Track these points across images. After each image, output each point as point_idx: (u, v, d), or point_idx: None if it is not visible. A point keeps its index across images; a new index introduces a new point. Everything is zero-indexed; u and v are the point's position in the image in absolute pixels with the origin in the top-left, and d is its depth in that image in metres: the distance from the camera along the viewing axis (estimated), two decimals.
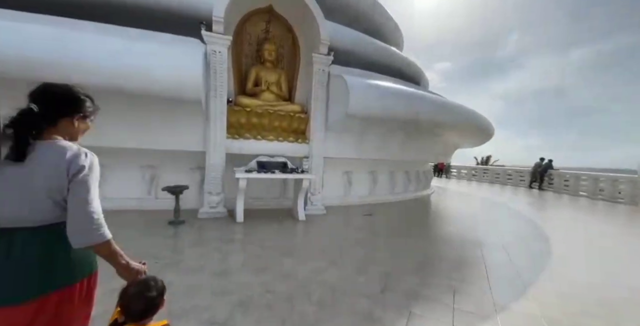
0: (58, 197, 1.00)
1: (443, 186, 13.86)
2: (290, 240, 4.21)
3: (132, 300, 1.03)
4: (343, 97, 5.59)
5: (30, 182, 0.97)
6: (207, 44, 5.20)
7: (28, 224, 0.99)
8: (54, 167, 0.99)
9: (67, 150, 1.02)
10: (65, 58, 3.93)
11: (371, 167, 7.91)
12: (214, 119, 5.36)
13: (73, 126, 1.12)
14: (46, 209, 1.00)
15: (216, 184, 5.43)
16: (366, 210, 6.64)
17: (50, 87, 1.08)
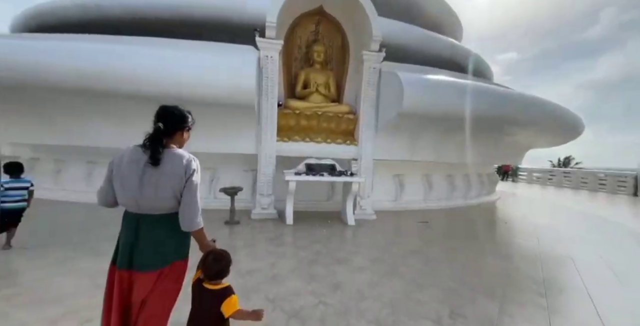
0: (177, 192, 1.33)
1: (510, 191, 12.18)
2: (340, 245, 4.03)
3: (210, 265, 1.39)
4: (396, 95, 5.22)
5: (160, 180, 1.30)
6: (260, 49, 5.36)
7: (155, 212, 1.34)
8: (176, 170, 1.32)
9: (184, 157, 1.36)
10: (138, 72, 4.42)
11: (425, 170, 7.29)
12: (265, 123, 5.49)
13: (182, 136, 1.48)
14: (168, 201, 1.33)
15: (267, 186, 5.55)
16: (421, 216, 6.10)
17: (169, 108, 1.43)
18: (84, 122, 5.43)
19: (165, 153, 1.33)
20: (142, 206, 1.32)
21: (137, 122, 5.56)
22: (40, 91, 4.71)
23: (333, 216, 5.75)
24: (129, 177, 1.31)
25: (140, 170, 1.30)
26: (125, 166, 1.32)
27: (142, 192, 1.29)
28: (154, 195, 1.29)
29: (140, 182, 1.29)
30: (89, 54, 4.47)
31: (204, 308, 1.37)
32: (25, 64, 4.39)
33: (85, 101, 4.96)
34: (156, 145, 1.31)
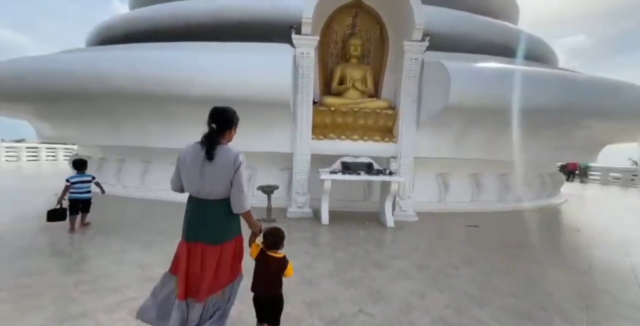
0: (228, 181, 1.59)
1: (578, 193, 10.54)
2: (380, 248, 3.79)
3: (269, 238, 1.76)
4: (441, 87, 4.76)
5: (216, 172, 1.57)
6: (296, 47, 5.33)
7: (214, 197, 1.61)
8: (227, 164, 1.57)
9: (233, 152, 1.61)
10: (185, 76, 4.68)
11: (474, 169, 6.61)
12: (300, 121, 5.45)
13: (230, 133, 1.71)
14: (223, 189, 1.60)
15: (302, 185, 5.51)
16: (469, 220, 5.53)
17: (220, 109, 1.67)
18: (140, 124, 5.96)
19: (217, 149, 1.59)
20: (202, 192, 1.61)
21: (185, 124, 5.95)
22: (106, 98, 5.27)
23: (370, 217, 5.50)
24: (192, 169, 1.60)
25: (200, 164, 1.58)
26: (189, 161, 1.61)
27: (201, 181, 1.58)
28: (211, 184, 1.58)
29: (201, 173, 1.57)
30: (144, 62, 4.88)
31: (270, 270, 1.74)
32: (92, 74, 4.94)
33: (142, 105, 5.42)
34: (211, 143, 1.58)
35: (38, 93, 5.37)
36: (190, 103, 5.11)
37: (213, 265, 1.60)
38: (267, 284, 1.74)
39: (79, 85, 5.00)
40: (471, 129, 5.56)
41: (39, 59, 5.78)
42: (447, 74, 4.46)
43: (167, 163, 6.57)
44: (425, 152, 5.69)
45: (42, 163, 15.74)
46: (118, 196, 6.58)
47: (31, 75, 5.19)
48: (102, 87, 4.97)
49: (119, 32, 7.25)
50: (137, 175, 6.72)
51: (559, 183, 8.47)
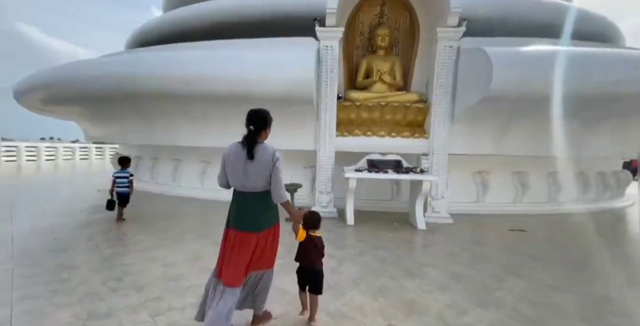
0: (267, 176, 1.75)
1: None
2: (410, 253, 3.49)
3: (310, 219, 2.02)
4: (481, 75, 4.27)
5: (257, 169, 1.74)
6: (320, 40, 5.12)
7: (256, 190, 1.78)
8: (266, 160, 1.73)
9: (270, 149, 1.76)
10: (204, 73, 4.69)
11: (517, 166, 5.94)
12: (324, 117, 5.25)
13: (265, 133, 1.84)
14: (264, 182, 1.76)
15: (326, 183, 5.33)
16: (512, 223, 4.96)
17: (256, 112, 1.81)
18: (169, 123, 6.17)
19: (256, 148, 1.74)
20: (246, 186, 1.78)
21: (211, 123, 6.06)
22: (134, 98, 5.51)
23: (399, 218, 5.17)
24: (236, 167, 1.77)
25: (242, 162, 1.74)
26: (232, 159, 1.78)
27: (245, 177, 1.76)
28: (253, 179, 1.75)
29: (244, 170, 1.74)
30: (167, 62, 5.01)
31: (313, 248, 2.03)
32: (119, 75, 5.18)
33: (169, 105, 5.59)
34: (251, 143, 1.74)
35: (79, 95, 5.78)
36: (215, 102, 5.15)
37: (253, 250, 1.78)
38: (312, 259, 2.02)
39: (111, 86, 5.28)
40: (515, 122, 4.96)
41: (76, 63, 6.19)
42: (489, 59, 3.95)
43: (195, 162, 6.78)
44: (461, 148, 5.20)
45: (92, 161, 17.33)
46: (152, 193, 6.93)
47: (73, 79, 5.60)
48: (130, 88, 5.20)
49: (152, 35, 7.59)
50: (168, 173, 7.02)
51: (624, 183, 7.35)
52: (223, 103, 5.08)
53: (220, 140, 6.22)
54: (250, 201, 1.79)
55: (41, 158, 15.19)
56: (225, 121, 5.65)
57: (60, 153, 16.32)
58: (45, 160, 15.32)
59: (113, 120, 6.94)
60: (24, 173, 11.02)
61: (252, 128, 1.74)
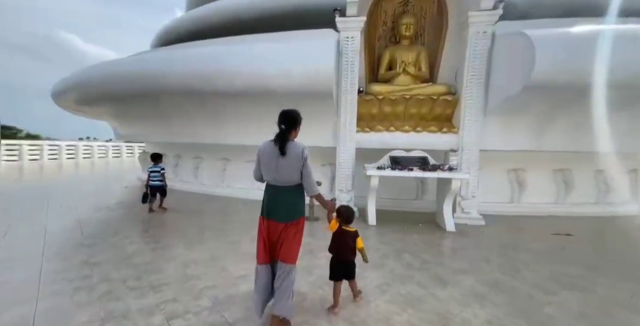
0: (298, 171, 1.89)
1: None
2: (440, 258, 3.21)
3: (344, 212, 2.20)
4: (521, 62, 3.83)
5: (289, 164, 1.87)
6: (340, 31, 4.88)
7: (289, 184, 1.94)
8: (297, 156, 1.86)
9: (300, 146, 1.90)
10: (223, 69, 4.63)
11: (559, 163, 5.37)
12: (344, 111, 5.03)
13: (295, 132, 1.98)
14: (296, 177, 1.91)
15: (346, 182, 5.12)
16: (554, 225, 4.48)
17: (287, 112, 1.94)
18: (189, 121, 6.24)
19: (288, 145, 1.88)
20: (278, 180, 1.94)
21: (231, 120, 6.04)
22: (159, 95, 5.59)
23: (425, 218, 4.85)
24: (269, 163, 1.92)
25: (275, 158, 1.89)
26: (266, 156, 1.94)
27: (277, 172, 1.91)
28: (284, 174, 1.90)
29: (276, 166, 1.89)
30: (189, 58, 5.01)
31: (347, 241, 2.14)
32: (144, 73, 5.26)
33: (189, 102, 5.63)
34: (282, 142, 1.88)
35: (103, 95, 5.99)
36: (234, 98, 5.09)
37: (282, 238, 1.94)
38: (346, 252, 2.15)
39: (131, 85, 5.41)
40: (559, 113, 4.43)
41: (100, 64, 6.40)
42: (531, 43, 3.51)
43: (215, 159, 6.83)
44: (494, 143, 4.77)
45: (123, 159, 18.31)
46: (176, 190, 7.09)
47: (97, 80, 5.81)
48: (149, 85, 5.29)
49: (174, 35, 7.72)
50: (190, 171, 7.14)
51: None
52: (242, 99, 5.01)
53: (240, 138, 6.28)
54: (280, 193, 1.95)
55: (79, 156, 16.29)
56: (245, 118, 5.60)
57: (95, 152, 17.42)
58: (82, 158, 16.41)
59: (137, 118, 7.16)
60: (64, 170, 11.81)
61: (284, 127, 1.90)
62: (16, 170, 11.28)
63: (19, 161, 13.74)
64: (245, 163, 6.53)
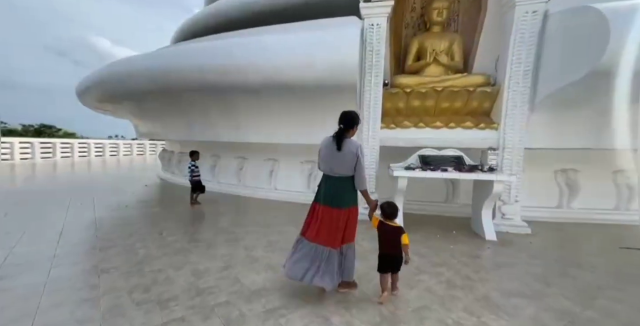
0: (352, 165, 2.19)
1: None
2: (485, 275, 2.74)
3: (386, 208, 2.34)
4: (586, 42, 3.22)
5: (344, 158, 2.19)
6: (364, 18, 4.47)
7: (343, 175, 2.22)
8: (352, 152, 2.18)
9: (356, 145, 2.21)
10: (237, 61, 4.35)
11: (620, 163, 4.64)
12: (367, 106, 4.62)
13: (353, 131, 2.29)
14: (349, 169, 2.20)
15: (369, 183, 4.72)
16: (614, 235, 3.84)
17: (346, 113, 2.25)
18: (206, 118, 6.08)
19: (344, 142, 2.17)
20: (333, 171, 2.21)
21: (248, 116, 5.80)
22: (175, 91, 5.44)
23: (457, 224, 4.36)
24: (326, 156, 2.22)
25: (332, 152, 2.18)
26: (324, 149, 2.24)
27: (333, 164, 2.20)
28: (339, 166, 2.18)
29: (332, 158, 2.19)
30: (203, 52, 4.80)
31: (391, 236, 2.25)
32: (160, 68, 5.12)
33: (205, 97, 5.44)
34: (340, 138, 2.17)
35: (122, 91, 5.95)
36: (250, 92, 4.82)
37: (334, 223, 2.17)
38: (391, 247, 2.25)
39: (148, 81, 5.30)
40: (624, 106, 3.76)
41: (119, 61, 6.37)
42: (602, 18, 2.90)
43: (232, 158, 6.64)
44: (542, 141, 4.17)
45: (147, 157, 18.89)
46: None
47: (116, 76, 5.77)
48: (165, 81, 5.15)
49: (191, 31, 7.60)
50: (207, 169, 7.02)
51: None
52: (257, 93, 4.74)
53: (257, 135, 6.06)
54: (334, 183, 2.21)
55: (106, 154, 16.97)
56: (261, 114, 5.34)
57: (121, 150, 18.08)
58: (109, 156, 17.08)
59: (154, 116, 7.13)
60: (91, 167, 12.26)
61: (342, 126, 2.20)
62: (50, 166, 11.84)
63: (53, 158, 14.48)
64: (263, 162, 6.29)
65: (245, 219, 4.55)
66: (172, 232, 3.84)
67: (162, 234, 3.78)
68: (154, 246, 3.31)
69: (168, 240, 3.56)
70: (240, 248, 3.30)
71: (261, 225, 4.25)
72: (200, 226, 4.18)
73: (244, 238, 3.68)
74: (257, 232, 3.90)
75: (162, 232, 3.84)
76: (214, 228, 4.04)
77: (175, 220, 4.42)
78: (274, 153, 6.23)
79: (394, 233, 2.23)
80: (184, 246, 3.32)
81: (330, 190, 2.20)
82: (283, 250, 3.18)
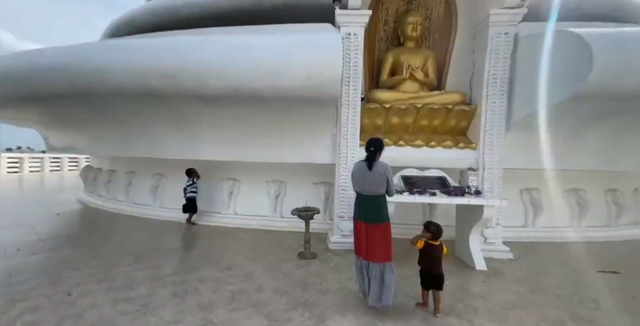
0: (383, 183, 2.49)
1: None
2: (495, 322, 2.33)
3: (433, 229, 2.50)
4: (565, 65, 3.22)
5: (374, 178, 2.49)
6: (341, 26, 4.08)
7: (375, 194, 2.52)
8: (380, 172, 2.48)
9: (384, 165, 2.52)
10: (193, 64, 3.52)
11: (574, 182, 4.92)
12: (346, 121, 4.16)
13: (380, 154, 2.58)
14: (380, 188, 2.50)
15: (348, 206, 4.18)
16: (570, 253, 3.93)
17: (375, 140, 2.60)
18: (148, 131, 4.93)
19: (374, 163, 2.51)
20: (365, 190, 2.54)
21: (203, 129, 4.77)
22: (104, 96, 4.23)
23: None
24: (359, 177, 2.58)
25: (364, 173, 2.53)
26: (357, 172, 2.60)
27: (364, 184, 2.54)
28: (370, 185, 2.51)
29: (364, 179, 2.53)
30: (149, 50, 3.80)
31: (434, 256, 2.47)
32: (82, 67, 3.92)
33: (147, 106, 4.37)
34: (371, 160, 2.51)
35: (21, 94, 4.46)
36: (208, 101, 3.96)
37: (373, 237, 2.45)
38: (434, 266, 2.45)
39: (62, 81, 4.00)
40: (589, 129, 3.96)
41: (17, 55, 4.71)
42: (584, 44, 2.92)
43: (181, 177, 5.51)
44: (517, 161, 4.16)
45: (64, 173, 15.64)
46: (128, 215, 5.62)
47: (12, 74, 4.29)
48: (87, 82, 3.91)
49: (130, 27, 6.37)
50: (147, 192, 5.72)
51: None
52: (219, 103, 3.91)
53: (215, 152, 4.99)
54: (367, 201, 2.52)
55: (1, 171, 13.44)
56: (222, 127, 4.48)
57: (26, 165, 14.55)
58: (5, 173, 13.57)
59: (76, 125, 5.63)
60: None
61: (372, 149, 2.52)
62: None
63: None
64: (220, 182, 5.34)
65: (197, 259, 3.57)
66: (87, 289, 2.70)
67: (71, 295, 2.63)
68: (53, 321, 2.19)
69: (79, 304, 2.44)
70: (192, 308, 2.40)
71: (219, 266, 3.35)
72: (135, 274, 3.08)
73: (197, 289, 2.76)
74: (215, 279, 3.01)
75: (71, 292, 2.69)
76: (154, 277, 3.01)
77: (96, 268, 3.22)
78: (234, 171, 5.33)
79: (438, 251, 2.43)
80: (105, 315, 2.27)
81: (363, 208, 2.52)
82: (255, 306, 2.41)
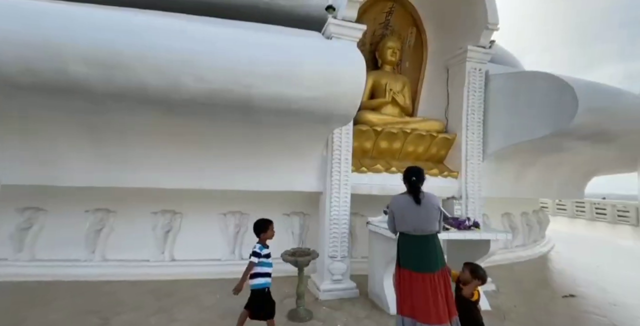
0: (437, 219, 2.17)
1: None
2: None
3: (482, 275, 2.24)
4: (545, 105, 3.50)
5: (427, 213, 2.14)
6: (332, 37, 3.61)
7: (429, 233, 2.15)
8: (434, 206, 2.17)
9: (435, 198, 2.23)
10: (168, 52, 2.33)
11: (505, 207, 5.54)
12: (339, 143, 3.57)
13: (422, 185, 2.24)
14: (433, 225, 2.16)
15: (341, 243, 3.50)
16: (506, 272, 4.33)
17: (417, 168, 2.29)
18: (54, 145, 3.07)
19: (422, 195, 2.18)
20: (417, 230, 2.14)
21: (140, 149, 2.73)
22: None
23: None
24: (406, 213, 2.16)
25: (412, 209, 2.14)
26: (401, 208, 2.20)
27: (418, 221, 2.13)
28: (424, 222, 2.13)
29: (417, 216, 2.13)
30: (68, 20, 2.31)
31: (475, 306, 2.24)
32: None
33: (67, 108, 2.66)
34: (417, 192, 2.18)
35: None
36: (155, 108, 2.67)
37: (436, 290, 2.00)
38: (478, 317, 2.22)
39: None
40: (536, 162, 4.55)
41: None
42: (565, 87, 3.25)
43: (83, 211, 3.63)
44: (489, 190, 4.38)
45: None
46: None
47: None
48: None
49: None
50: (17, 236, 3.56)
51: (545, 225, 6.46)
52: (177, 111, 2.67)
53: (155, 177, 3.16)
54: (420, 243, 2.13)
55: None
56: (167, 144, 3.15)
57: None
58: None
59: None
60: None
61: (414, 178, 2.18)
62: None
63: None
64: (150, 217, 3.80)
65: None
66: None
67: None
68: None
69: None
70: None
71: None
72: None
73: None
74: None
75: None
76: None
77: None
78: (171, 201, 3.90)
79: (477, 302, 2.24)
80: None
81: (418, 252, 2.13)
82: None
